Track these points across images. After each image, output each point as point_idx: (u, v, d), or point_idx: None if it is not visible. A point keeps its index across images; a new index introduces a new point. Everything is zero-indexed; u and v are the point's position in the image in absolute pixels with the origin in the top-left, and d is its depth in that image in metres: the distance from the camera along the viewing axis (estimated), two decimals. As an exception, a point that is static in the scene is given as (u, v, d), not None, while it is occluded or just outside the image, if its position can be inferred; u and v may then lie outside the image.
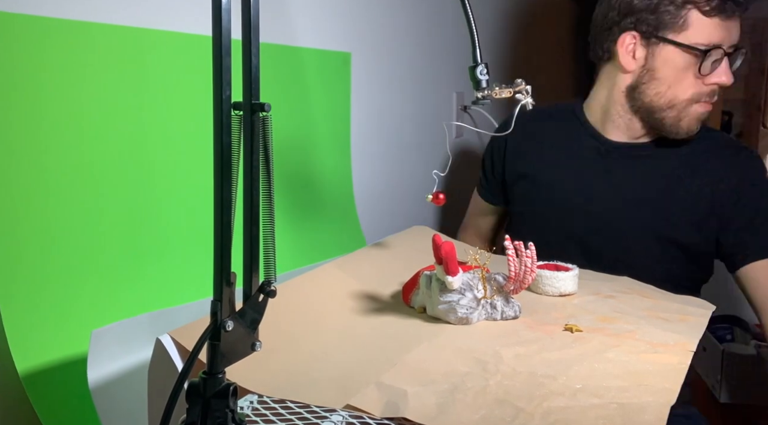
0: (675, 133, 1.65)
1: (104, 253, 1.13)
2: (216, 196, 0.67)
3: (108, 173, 1.13)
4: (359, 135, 1.82)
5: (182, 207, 1.26)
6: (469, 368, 0.92)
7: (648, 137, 1.72)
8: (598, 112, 1.76)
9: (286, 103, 1.53)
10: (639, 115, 1.68)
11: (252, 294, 0.73)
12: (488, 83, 1.12)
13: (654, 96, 1.63)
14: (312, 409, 0.82)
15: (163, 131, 1.23)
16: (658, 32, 1.59)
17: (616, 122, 1.72)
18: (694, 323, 1.14)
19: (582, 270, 1.31)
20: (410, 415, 0.79)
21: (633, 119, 1.69)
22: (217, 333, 0.68)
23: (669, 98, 1.62)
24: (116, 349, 1.00)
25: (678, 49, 1.58)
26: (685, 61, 1.58)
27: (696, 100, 1.61)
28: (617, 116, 1.71)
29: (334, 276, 1.23)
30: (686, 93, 1.60)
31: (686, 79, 1.59)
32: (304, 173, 1.62)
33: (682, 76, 1.59)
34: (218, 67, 0.65)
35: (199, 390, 0.68)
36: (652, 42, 1.60)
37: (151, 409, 0.92)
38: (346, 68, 1.75)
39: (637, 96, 1.66)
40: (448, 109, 2.38)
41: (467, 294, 1.07)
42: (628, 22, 1.62)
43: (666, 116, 1.63)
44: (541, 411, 0.81)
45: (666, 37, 1.58)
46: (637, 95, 1.66)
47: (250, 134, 0.70)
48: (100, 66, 1.11)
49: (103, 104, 1.12)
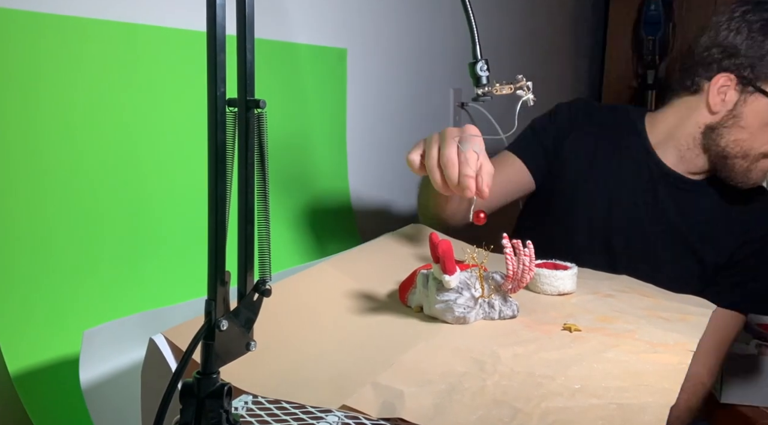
0: (741, 182, 1.65)
1: (97, 252, 1.13)
2: (210, 194, 0.67)
3: (101, 171, 1.13)
4: (355, 132, 1.82)
5: (176, 205, 1.26)
6: (466, 368, 0.92)
7: (703, 175, 1.71)
8: (662, 134, 1.74)
9: (281, 100, 1.53)
10: (708, 154, 1.67)
11: (247, 293, 0.73)
12: (488, 80, 1.12)
13: (732, 142, 1.61)
14: (307, 410, 0.83)
15: (157, 129, 1.23)
16: (757, 82, 1.56)
17: (681, 151, 1.70)
18: (695, 322, 1.14)
19: (581, 269, 1.31)
20: (407, 416, 0.79)
21: (700, 155, 1.68)
22: (211, 333, 0.68)
23: (746, 148, 1.60)
24: (109, 349, 1.00)
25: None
26: None
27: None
28: (685, 146, 1.70)
29: (330, 275, 1.23)
30: (764, 146, 1.59)
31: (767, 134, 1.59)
32: (299, 170, 1.62)
33: (765, 130, 1.58)
34: (212, 64, 0.65)
35: (193, 390, 0.68)
36: (747, 90, 1.58)
37: (145, 410, 0.92)
38: (341, 64, 1.75)
39: (714, 137, 1.63)
40: (446, 106, 2.38)
41: (464, 293, 1.08)
42: (730, 64, 1.60)
43: (737, 164, 1.62)
44: (540, 411, 0.81)
45: (763, 88, 1.56)
46: (715, 137, 1.63)
47: (245, 131, 0.70)
48: (95, 63, 1.11)
49: (97, 102, 1.12)
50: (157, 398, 0.67)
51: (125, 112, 1.17)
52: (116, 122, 1.15)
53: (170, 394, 0.66)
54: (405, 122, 2.11)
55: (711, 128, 1.64)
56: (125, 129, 1.17)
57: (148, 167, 1.21)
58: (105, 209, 1.14)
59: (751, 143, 1.59)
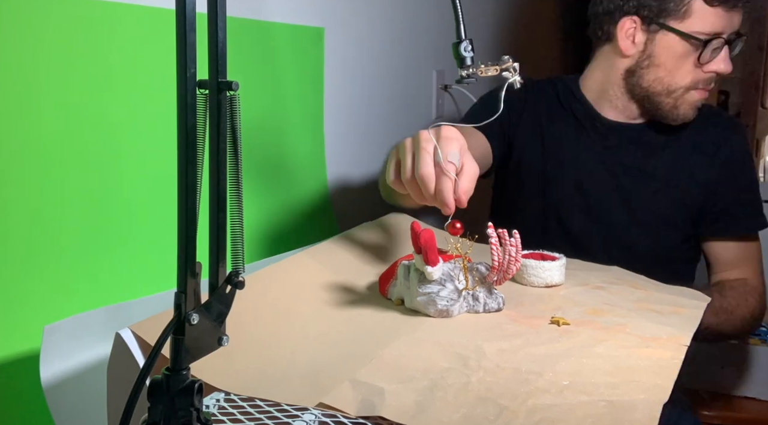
0: (671, 119, 1.72)
1: (57, 241, 1.13)
2: (180, 181, 0.67)
3: (63, 156, 1.13)
4: (333, 116, 1.82)
5: (144, 192, 1.25)
6: (449, 363, 0.93)
7: (643, 118, 1.79)
8: (594, 91, 1.82)
9: (254, 81, 1.53)
10: (636, 99, 1.75)
11: (219, 286, 0.73)
12: (473, 61, 1.12)
13: (652, 82, 1.69)
14: (282, 408, 0.83)
15: (123, 112, 1.22)
16: (660, 19, 1.64)
17: (613, 102, 1.79)
18: (688, 315, 1.15)
19: (569, 260, 1.32)
20: (387, 414, 0.79)
21: (630, 101, 1.76)
22: (181, 327, 0.68)
23: (667, 85, 1.68)
24: (71, 345, 1.00)
25: (678, 37, 1.63)
26: (685, 49, 1.64)
27: (693, 88, 1.68)
28: (614, 97, 1.78)
29: (306, 266, 1.23)
30: (684, 80, 1.67)
31: (685, 67, 1.66)
32: (274, 156, 1.62)
33: (680, 64, 1.66)
34: (182, 43, 0.65)
35: (161, 387, 0.68)
36: (652, 28, 1.66)
37: (111, 408, 0.92)
38: (318, 44, 1.74)
39: (635, 80, 1.72)
40: (428, 88, 2.38)
41: (448, 285, 1.08)
42: (630, 6, 1.68)
43: (663, 102, 1.70)
44: (526, 409, 0.82)
45: (667, 24, 1.64)
46: (635, 80, 1.72)
47: (217, 114, 0.70)
48: (54, 42, 1.10)
49: (56, 84, 1.11)
50: (123, 396, 0.67)
51: (88, 94, 1.16)
52: (78, 105, 1.15)
53: (138, 392, 0.66)
54: (385, 106, 2.11)
55: (630, 72, 1.73)
56: (88, 112, 1.16)
57: (113, 153, 1.21)
58: (66, 195, 1.13)
59: (670, 79, 1.68)
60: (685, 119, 1.71)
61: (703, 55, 1.63)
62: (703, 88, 1.69)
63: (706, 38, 1.62)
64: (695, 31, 1.62)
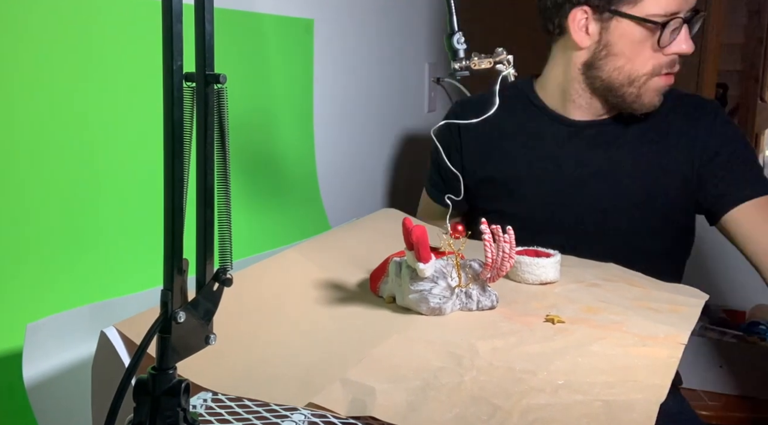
0: (637, 109, 1.67)
1: (40, 237, 1.12)
2: (166, 176, 0.67)
3: (45, 151, 1.12)
4: (323, 110, 1.82)
5: (129, 188, 1.25)
6: (442, 362, 0.93)
7: (611, 113, 1.74)
8: (555, 92, 1.77)
9: (243, 74, 1.53)
10: (597, 93, 1.70)
11: (206, 283, 0.73)
12: (466, 53, 1.12)
13: (612, 72, 1.65)
14: (271, 408, 0.83)
15: (108, 105, 1.22)
16: (611, 6, 1.59)
17: (576, 101, 1.73)
18: (686, 313, 1.15)
19: (565, 256, 1.32)
20: (378, 414, 0.80)
21: (593, 98, 1.71)
22: (167, 325, 0.68)
23: (628, 73, 1.63)
24: (55, 344, 1.00)
25: (633, 22, 1.59)
26: (642, 34, 1.59)
27: (656, 73, 1.63)
28: (576, 95, 1.73)
29: (296, 263, 1.23)
30: (645, 67, 1.62)
31: (644, 53, 1.61)
32: (262, 150, 1.62)
33: (639, 50, 1.61)
34: (168, 35, 0.65)
35: (147, 387, 0.68)
36: (605, 16, 1.61)
37: (95, 408, 0.92)
38: (308, 36, 1.74)
39: (594, 73, 1.67)
40: (420, 81, 2.38)
41: (440, 283, 1.08)
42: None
43: (626, 93, 1.65)
44: (520, 408, 0.82)
45: (620, 10, 1.59)
46: (594, 73, 1.67)
47: (204, 107, 0.70)
48: (37, 34, 1.10)
49: (41, 74, 1.11)
50: (108, 395, 0.67)
51: (71, 87, 1.16)
52: (61, 98, 1.15)
53: (123, 391, 0.66)
54: (376, 99, 2.11)
55: (588, 65, 1.67)
56: (71, 106, 1.16)
57: (98, 147, 1.21)
58: (50, 190, 1.13)
59: (631, 67, 1.63)
60: (650, 108, 1.67)
61: (662, 38, 1.58)
62: (666, 72, 1.64)
63: (664, 20, 1.57)
64: (651, 14, 1.57)
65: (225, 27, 1.44)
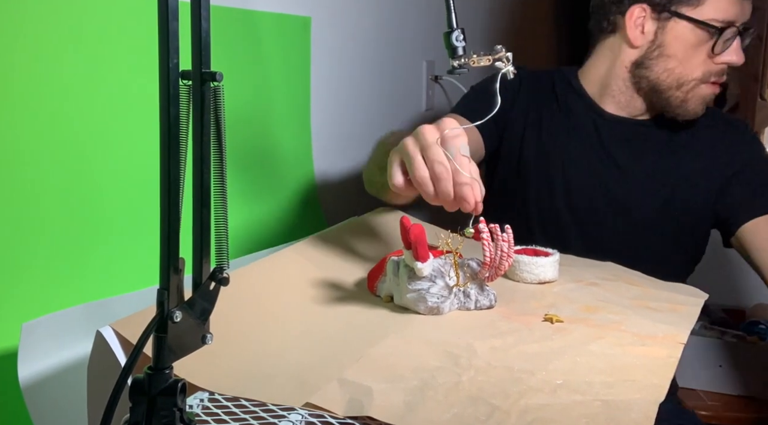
0: (681, 114, 1.68)
1: (36, 236, 1.12)
2: (162, 174, 0.67)
3: (41, 150, 1.12)
4: (320, 108, 1.82)
5: (125, 186, 1.25)
6: (439, 362, 0.93)
7: (648, 114, 1.75)
8: (596, 84, 1.78)
9: (239, 72, 1.52)
10: (642, 92, 1.71)
11: (202, 282, 0.73)
12: (465, 50, 1.12)
13: (661, 73, 1.65)
14: (268, 408, 0.83)
15: (103, 103, 1.22)
16: (672, 6, 1.60)
17: (616, 97, 1.75)
18: (685, 313, 1.16)
19: (563, 255, 1.32)
20: (376, 414, 0.80)
21: (635, 96, 1.73)
22: (163, 325, 0.68)
23: (677, 76, 1.64)
24: (50, 343, 1.00)
25: (692, 25, 1.60)
26: (698, 38, 1.60)
27: (705, 80, 1.64)
28: (618, 91, 1.74)
29: (293, 262, 1.23)
30: (696, 72, 1.63)
31: (697, 57, 1.62)
32: (259, 149, 1.62)
33: (693, 54, 1.62)
34: (164, 32, 0.65)
35: (143, 387, 0.68)
36: (663, 16, 1.62)
37: (91, 408, 0.92)
38: (305, 34, 1.74)
39: (642, 72, 1.68)
40: (418, 79, 2.38)
41: (438, 282, 1.08)
42: None
43: (672, 95, 1.66)
44: (518, 409, 0.82)
45: (680, 11, 1.60)
46: (643, 72, 1.68)
47: (200, 106, 0.70)
48: (31, 31, 1.10)
49: (37, 72, 1.11)
50: (104, 395, 0.66)
51: (66, 86, 1.16)
52: (56, 97, 1.14)
53: (119, 391, 0.66)
54: (374, 97, 2.11)
55: (638, 64, 1.68)
56: (66, 105, 1.16)
57: (93, 145, 1.20)
58: (45, 189, 1.13)
59: (681, 71, 1.64)
60: (694, 115, 1.68)
61: (717, 44, 1.60)
62: (714, 81, 1.65)
63: (721, 26, 1.59)
64: (710, 19, 1.59)
65: (221, 24, 1.44)
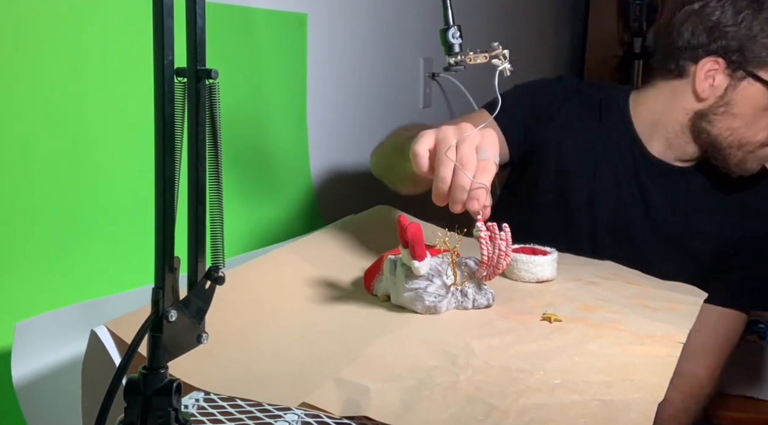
0: (735, 171, 1.63)
1: (30, 235, 1.12)
2: (157, 172, 0.67)
3: (36, 147, 1.12)
4: (317, 105, 1.82)
5: (119, 184, 1.25)
6: (437, 362, 0.93)
7: (694, 162, 1.70)
8: (647, 120, 1.71)
9: (235, 69, 1.52)
10: (699, 143, 1.65)
11: (198, 281, 0.73)
12: (461, 48, 1.12)
13: (724, 131, 1.59)
14: (264, 408, 0.83)
15: (98, 100, 1.22)
16: (748, 66, 1.55)
17: (668, 139, 1.68)
18: (684, 312, 1.16)
19: (562, 254, 1.32)
20: (372, 414, 0.80)
21: (690, 143, 1.66)
22: (158, 324, 0.68)
23: (740, 137, 1.58)
24: (44, 343, 1.00)
25: (765, 88, 1.54)
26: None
27: (767, 144, 1.59)
28: (672, 134, 1.67)
29: (289, 261, 1.23)
30: (759, 135, 1.58)
31: (764, 121, 1.57)
32: (255, 147, 1.62)
33: (761, 117, 1.57)
34: (159, 29, 0.65)
35: (138, 386, 0.68)
36: (738, 75, 1.56)
37: (85, 408, 0.92)
38: (301, 31, 1.74)
39: (704, 126, 1.61)
40: (415, 76, 2.38)
41: (435, 281, 1.08)
42: (718, 47, 1.57)
43: (731, 154, 1.60)
44: (516, 408, 0.82)
45: (755, 73, 1.54)
46: (705, 125, 1.61)
47: (195, 103, 0.70)
48: (27, 28, 1.10)
49: (28, 72, 1.11)
50: (99, 395, 0.67)
51: (59, 83, 1.16)
52: (50, 94, 1.14)
53: (114, 391, 0.66)
54: (371, 94, 2.11)
55: (700, 116, 1.61)
56: (60, 102, 1.16)
57: (87, 143, 1.20)
58: (39, 187, 1.13)
59: (745, 132, 1.58)
60: (748, 173, 1.63)
61: None
62: None
63: None
64: None
65: (217, 21, 1.44)
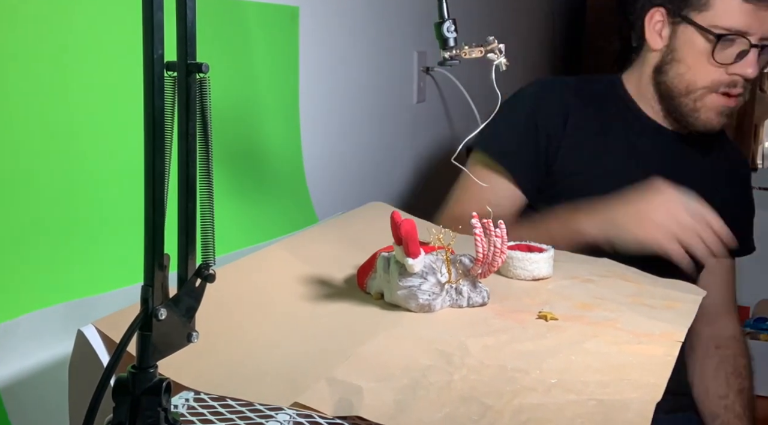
0: (692, 123, 1.70)
1: (13, 234, 1.12)
2: (147, 168, 0.67)
3: (21, 144, 1.12)
4: (309, 100, 1.82)
5: (107, 180, 1.25)
6: (431, 361, 0.93)
7: (672, 126, 1.78)
8: (633, 90, 1.81)
9: (225, 64, 1.52)
10: (662, 100, 1.74)
11: (188, 279, 0.73)
12: (456, 42, 1.12)
13: (674, 78, 1.68)
14: (255, 407, 0.83)
15: (86, 95, 1.21)
16: (682, 10, 1.63)
17: (650, 102, 1.78)
18: (682, 310, 1.16)
19: (558, 251, 1.32)
20: (365, 414, 0.80)
21: (657, 104, 1.76)
22: (147, 323, 0.68)
23: (687, 82, 1.66)
24: (29, 344, 1.00)
25: (697, 30, 1.62)
26: (703, 44, 1.62)
27: (714, 90, 1.65)
28: (651, 96, 1.77)
29: (281, 259, 1.23)
30: (704, 80, 1.65)
31: (704, 65, 1.64)
32: (246, 142, 1.62)
33: (699, 61, 1.64)
34: (149, 23, 0.65)
35: (127, 386, 0.68)
36: (676, 20, 1.66)
37: (73, 409, 0.92)
38: (293, 25, 1.74)
39: (660, 78, 1.71)
40: (409, 70, 2.38)
41: (429, 278, 1.08)
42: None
43: (682, 103, 1.68)
44: (512, 408, 0.82)
45: (688, 16, 1.63)
46: (661, 77, 1.71)
47: (186, 98, 0.70)
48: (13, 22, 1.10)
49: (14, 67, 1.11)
50: (87, 395, 0.67)
51: (47, 77, 1.15)
52: (36, 89, 1.14)
53: (102, 391, 0.66)
54: (364, 88, 2.11)
55: (657, 69, 1.73)
56: (48, 97, 1.16)
57: (74, 139, 1.20)
58: (24, 184, 1.13)
59: (690, 77, 1.66)
60: (707, 125, 1.69)
61: (717, 53, 1.60)
62: (725, 92, 1.65)
63: (722, 33, 1.59)
64: (712, 25, 1.60)
65: (207, 15, 1.43)
